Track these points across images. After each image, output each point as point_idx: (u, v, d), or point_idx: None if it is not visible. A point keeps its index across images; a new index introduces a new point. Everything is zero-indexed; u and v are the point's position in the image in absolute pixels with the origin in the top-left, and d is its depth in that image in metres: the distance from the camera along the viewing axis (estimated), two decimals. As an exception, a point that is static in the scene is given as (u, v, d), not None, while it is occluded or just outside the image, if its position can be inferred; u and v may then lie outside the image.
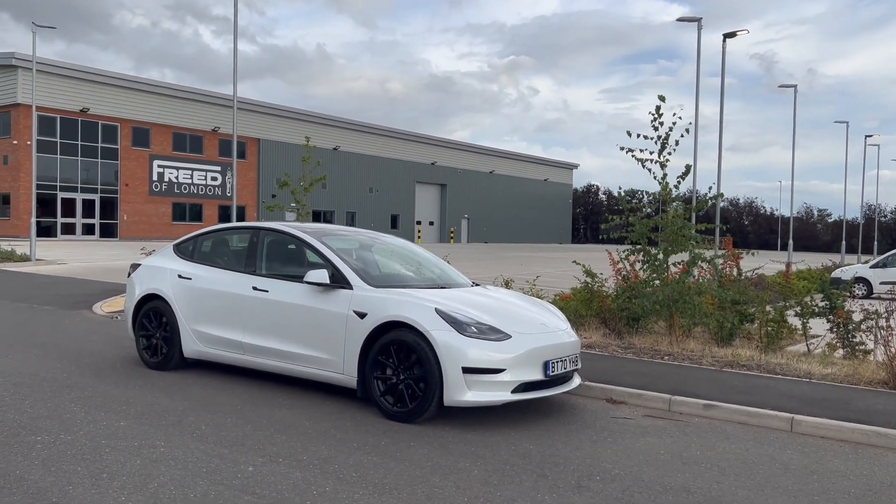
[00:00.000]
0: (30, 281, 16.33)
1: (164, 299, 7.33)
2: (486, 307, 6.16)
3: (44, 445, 4.77)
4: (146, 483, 4.17)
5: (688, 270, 9.07)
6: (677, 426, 5.89)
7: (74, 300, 12.89)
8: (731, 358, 8.12)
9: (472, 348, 5.52)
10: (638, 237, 9.29)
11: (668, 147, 9.23)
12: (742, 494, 4.37)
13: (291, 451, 4.84)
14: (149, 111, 44.80)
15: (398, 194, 61.65)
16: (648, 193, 9.48)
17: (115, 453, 4.66)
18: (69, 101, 41.03)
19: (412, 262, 7.52)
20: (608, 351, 8.54)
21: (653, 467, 4.81)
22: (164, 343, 7.29)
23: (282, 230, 7.13)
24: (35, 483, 4.11)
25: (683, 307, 8.89)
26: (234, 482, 4.24)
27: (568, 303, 10.20)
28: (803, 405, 6.18)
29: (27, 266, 20.65)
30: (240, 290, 6.81)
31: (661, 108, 9.14)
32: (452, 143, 68.54)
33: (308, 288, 6.35)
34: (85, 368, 7.23)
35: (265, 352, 6.56)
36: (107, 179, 43.50)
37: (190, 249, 7.67)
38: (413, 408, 5.61)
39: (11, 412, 5.53)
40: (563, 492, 4.30)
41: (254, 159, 50.68)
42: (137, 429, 5.23)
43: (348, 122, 57.90)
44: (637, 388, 6.69)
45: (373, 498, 4.08)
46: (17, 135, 39.14)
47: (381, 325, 5.83)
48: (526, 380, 5.65)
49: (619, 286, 9.91)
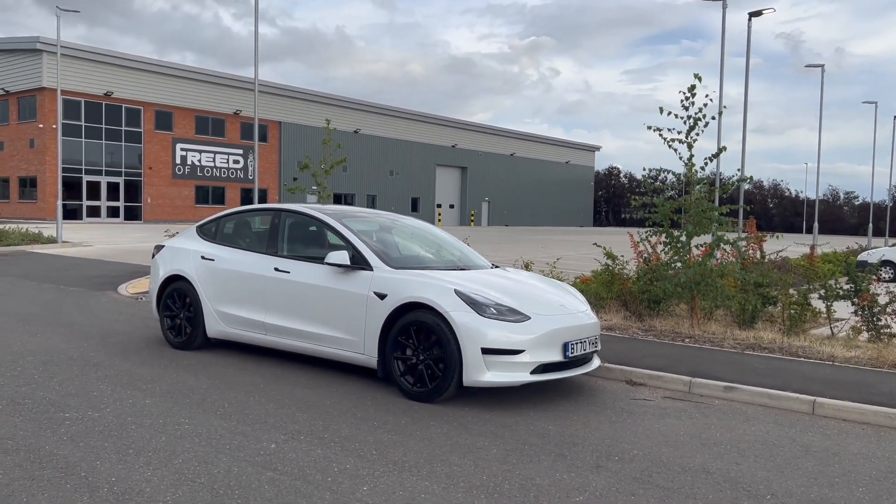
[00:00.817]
0: (57, 263, 16.61)
1: (188, 280, 7.43)
2: (506, 289, 6.17)
3: (72, 422, 4.88)
4: (171, 459, 4.25)
5: (710, 252, 9.00)
6: (697, 408, 5.88)
7: (100, 281, 13.09)
8: (752, 340, 8.06)
9: (491, 329, 5.54)
10: (661, 218, 9.22)
11: (697, 128, 9.11)
12: (761, 475, 4.36)
13: (313, 429, 4.91)
14: (171, 94, 45.11)
15: (419, 177, 61.62)
16: (674, 173, 9.38)
17: (141, 430, 4.76)
18: (93, 84, 41.42)
19: (432, 244, 7.54)
20: (628, 333, 8.52)
21: (672, 448, 4.82)
22: (187, 323, 7.39)
23: (302, 212, 7.18)
24: (64, 458, 4.21)
25: (705, 289, 8.82)
26: (256, 459, 4.31)
27: (588, 285, 10.17)
28: (825, 388, 6.13)
29: (54, 248, 20.99)
30: (262, 272, 6.88)
31: (695, 88, 8.99)
32: (473, 125, 68.20)
33: (329, 269, 6.40)
34: (111, 348, 7.36)
35: (287, 332, 6.64)
36: (131, 162, 43.96)
37: (213, 231, 7.75)
38: (433, 388, 5.65)
39: (41, 390, 5.66)
40: (582, 471, 4.32)
41: (275, 142, 50.88)
42: (162, 406, 5.33)
43: (369, 104, 57.84)
44: (657, 370, 6.68)
45: (393, 475, 4.13)
46: (43, 118, 39.64)
47: (400, 307, 5.87)
48: (545, 361, 5.67)
49: (641, 268, 9.86)
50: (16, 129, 41.93)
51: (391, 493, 3.87)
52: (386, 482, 4.03)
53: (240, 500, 3.71)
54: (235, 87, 47.74)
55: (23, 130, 41.44)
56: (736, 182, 10.13)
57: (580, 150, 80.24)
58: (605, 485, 4.11)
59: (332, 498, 3.78)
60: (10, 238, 20.99)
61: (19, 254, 18.79)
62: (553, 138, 77.95)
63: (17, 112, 41.83)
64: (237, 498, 3.73)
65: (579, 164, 79.18)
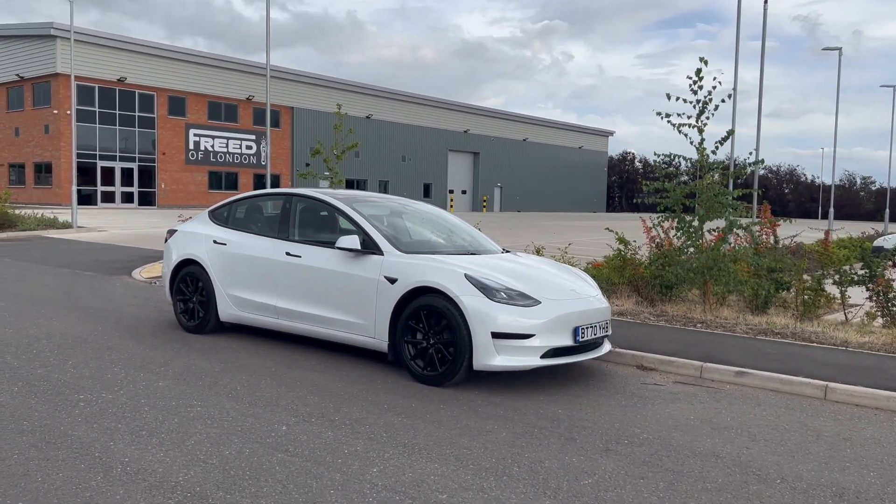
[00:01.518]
0: (72, 247, 16.75)
1: (200, 264, 7.47)
2: (516, 273, 6.16)
3: (86, 403, 4.94)
4: (183, 440, 4.30)
5: (723, 237, 8.94)
6: (708, 393, 5.86)
7: (114, 266, 13.20)
8: (765, 326, 8.02)
9: (501, 314, 5.54)
10: (673, 203, 9.17)
11: (706, 111, 9.03)
12: (772, 460, 4.35)
13: (324, 412, 4.94)
14: (184, 80, 45.19)
15: (431, 163, 61.51)
16: (686, 159, 9.31)
17: (154, 412, 4.81)
18: (106, 70, 41.56)
19: (443, 228, 7.54)
20: (640, 318, 8.50)
21: (682, 433, 4.81)
22: (200, 307, 7.45)
23: (314, 196, 7.19)
24: (78, 438, 4.27)
25: (718, 275, 8.78)
26: (267, 440, 4.35)
27: (600, 270, 10.15)
28: (838, 373, 6.10)
29: (69, 233, 21.17)
30: (273, 256, 6.91)
31: (701, 72, 8.94)
32: (485, 110, 67.89)
33: (340, 253, 6.42)
34: (125, 331, 7.43)
35: (299, 316, 6.67)
36: (144, 148, 44.15)
37: (224, 216, 7.78)
38: (443, 371, 5.67)
39: (56, 372, 5.73)
40: (591, 454, 4.33)
41: (287, 128, 50.91)
42: (175, 389, 5.38)
43: (381, 89, 57.69)
44: (668, 354, 6.66)
45: (403, 457, 4.16)
46: (57, 104, 39.84)
47: (411, 291, 5.88)
48: (555, 345, 5.67)
49: (653, 254, 9.82)
50: (31, 114, 42.18)
51: (401, 475, 3.89)
52: (396, 464, 4.05)
53: (251, 480, 3.75)
54: (248, 73, 47.75)
55: (37, 116, 41.69)
56: (749, 166, 10.03)
57: (593, 135, 79.72)
58: (615, 468, 4.12)
59: (342, 479, 3.81)
60: (26, 223, 21.18)
61: (35, 239, 18.97)
62: (566, 123, 77.47)
63: (32, 98, 42.07)
64: (248, 478, 3.77)
65: (592, 150, 78.70)
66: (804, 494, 3.85)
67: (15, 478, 3.68)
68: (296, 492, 3.63)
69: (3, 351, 6.37)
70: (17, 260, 13.78)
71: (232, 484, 3.70)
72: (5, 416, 4.61)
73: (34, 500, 3.44)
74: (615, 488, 3.83)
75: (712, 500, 3.73)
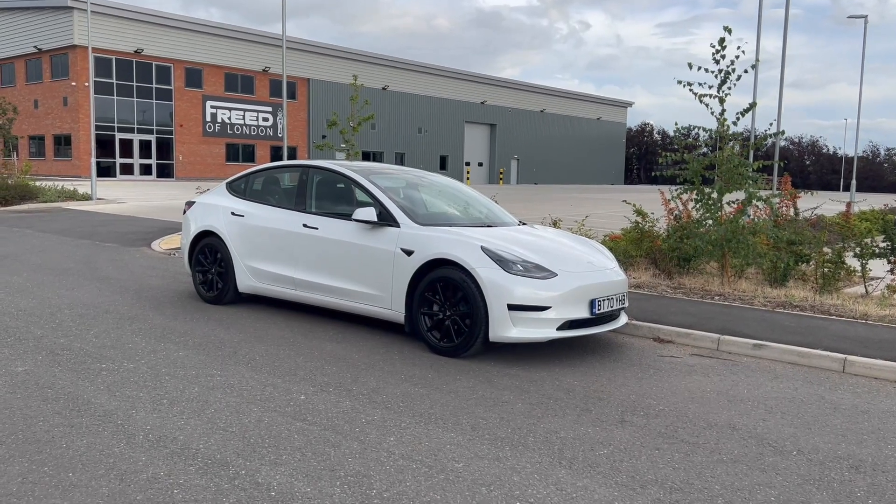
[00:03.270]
0: (91, 219, 16.92)
1: (219, 236, 7.53)
2: (533, 245, 6.15)
3: (109, 372, 5.03)
4: (203, 409, 4.37)
5: (742, 210, 8.85)
6: (725, 365, 5.85)
7: (134, 237, 13.33)
8: (784, 299, 7.97)
9: (517, 286, 5.54)
10: (692, 175, 9.07)
11: (728, 81, 8.89)
12: (788, 432, 4.35)
13: (341, 382, 5.00)
14: (201, 52, 45.15)
15: (447, 135, 61.22)
16: (705, 130, 9.18)
17: (175, 381, 4.89)
18: (123, 42, 41.60)
19: (459, 200, 7.52)
20: (657, 291, 8.47)
21: (698, 404, 4.82)
22: (219, 278, 7.51)
23: (330, 168, 7.19)
24: (101, 406, 4.35)
25: (736, 247, 8.70)
26: (286, 409, 4.41)
27: (617, 243, 10.10)
28: (857, 346, 6.06)
29: (89, 205, 21.37)
30: (290, 228, 6.94)
31: (724, 41, 8.77)
32: (502, 81, 67.26)
33: (356, 225, 6.44)
34: (145, 302, 7.52)
35: (316, 287, 6.72)
36: (162, 120, 44.31)
37: (242, 187, 7.81)
38: (459, 343, 5.70)
39: (78, 342, 5.83)
40: (607, 425, 4.35)
41: (304, 99, 50.81)
42: (195, 359, 5.45)
43: (397, 60, 57.29)
44: (685, 327, 6.65)
45: (419, 427, 4.20)
46: (75, 76, 40.02)
47: (427, 263, 5.89)
48: (571, 317, 5.67)
49: (671, 226, 9.75)
50: (49, 87, 42.42)
51: (417, 444, 3.94)
52: (412, 433, 4.10)
53: (270, 448, 3.81)
54: (264, 44, 47.60)
55: (56, 88, 41.92)
56: (770, 137, 9.88)
57: (612, 107, 78.84)
58: (630, 439, 4.14)
59: (359, 447, 3.86)
60: (47, 195, 21.40)
61: (56, 210, 19.18)
62: (584, 94, 76.69)
63: (51, 70, 42.27)
64: (268, 446, 3.83)
65: (611, 121, 77.89)
66: (820, 466, 3.85)
67: (40, 444, 3.77)
68: (314, 459, 3.69)
69: (28, 321, 6.48)
70: (39, 231, 13.95)
71: (251, 451, 3.76)
72: (31, 385, 4.71)
73: (59, 466, 3.52)
74: (630, 459, 3.86)
75: (728, 471, 3.75)
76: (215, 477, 3.45)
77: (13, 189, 20.35)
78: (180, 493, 3.28)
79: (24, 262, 9.95)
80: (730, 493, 3.49)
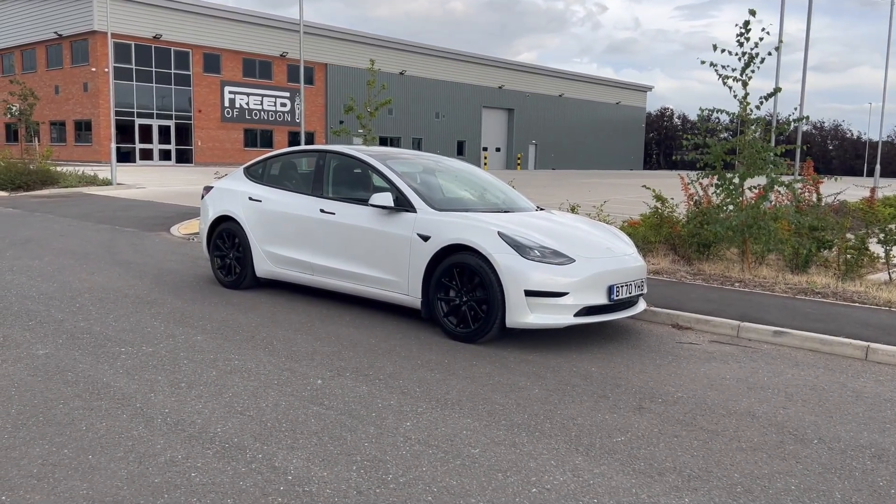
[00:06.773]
0: (111, 204, 17.06)
1: (237, 221, 7.55)
2: (550, 231, 6.10)
3: (128, 356, 5.07)
4: (221, 392, 4.39)
5: (764, 195, 8.72)
6: (745, 352, 5.79)
7: (153, 222, 13.43)
8: (805, 285, 7.86)
9: (534, 272, 5.50)
10: (713, 159, 8.95)
11: (752, 64, 8.74)
12: (809, 420, 4.29)
13: (358, 367, 5.00)
14: (219, 37, 45.21)
15: (465, 120, 60.94)
16: (728, 113, 9.04)
17: (193, 365, 4.92)
18: (142, 27, 41.74)
19: (476, 186, 7.48)
20: (676, 277, 8.39)
21: (717, 392, 4.77)
22: (236, 263, 7.54)
23: (347, 153, 7.17)
24: (120, 389, 4.39)
25: (758, 233, 8.59)
26: (303, 394, 4.42)
27: (636, 229, 10.01)
28: (881, 334, 5.96)
29: (109, 190, 21.55)
30: (308, 213, 6.94)
31: (749, 24, 8.63)
32: (520, 65, 66.74)
33: (373, 211, 6.42)
34: (164, 286, 7.58)
35: (334, 272, 6.72)
36: (181, 106, 44.49)
37: (259, 172, 7.82)
38: (475, 329, 5.68)
39: (98, 325, 5.88)
40: (624, 412, 4.32)
41: (321, 85, 50.77)
42: (213, 343, 5.48)
43: (414, 45, 57.01)
44: (704, 314, 6.58)
45: (436, 412, 4.19)
46: (95, 62, 40.24)
47: (444, 248, 5.87)
48: (589, 304, 5.63)
49: (691, 212, 9.64)
50: (70, 72, 42.71)
51: (433, 429, 3.93)
52: (429, 418, 4.09)
53: (287, 432, 3.82)
54: (281, 29, 47.54)
55: (76, 74, 42.19)
56: (793, 122, 9.71)
57: (631, 91, 78.00)
58: (648, 426, 4.11)
59: (375, 432, 3.86)
60: (68, 180, 21.61)
61: (76, 195, 19.36)
62: (603, 78, 75.84)
63: (71, 56, 42.53)
64: (285, 430, 3.84)
65: (630, 105, 77.09)
66: (842, 455, 3.80)
67: (61, 426, 3.81)
68: (331, 444, 3.69)
69: (48, 304, 6.55)
70: (60, 216, 14.10)
71: (269, 435, 3.77)
72: (51, 368, 4.76)
73: (79, 448, 3.55)
74: (648, 446, 3.83)
75: (747, 459, 3.70)
76: (232, 460, 3.47)
77: (35, 174, 20.55)
78: (198, 476, 3.30)
79: (45, 247, 10.06)
80: (749, 482, 3.45)
